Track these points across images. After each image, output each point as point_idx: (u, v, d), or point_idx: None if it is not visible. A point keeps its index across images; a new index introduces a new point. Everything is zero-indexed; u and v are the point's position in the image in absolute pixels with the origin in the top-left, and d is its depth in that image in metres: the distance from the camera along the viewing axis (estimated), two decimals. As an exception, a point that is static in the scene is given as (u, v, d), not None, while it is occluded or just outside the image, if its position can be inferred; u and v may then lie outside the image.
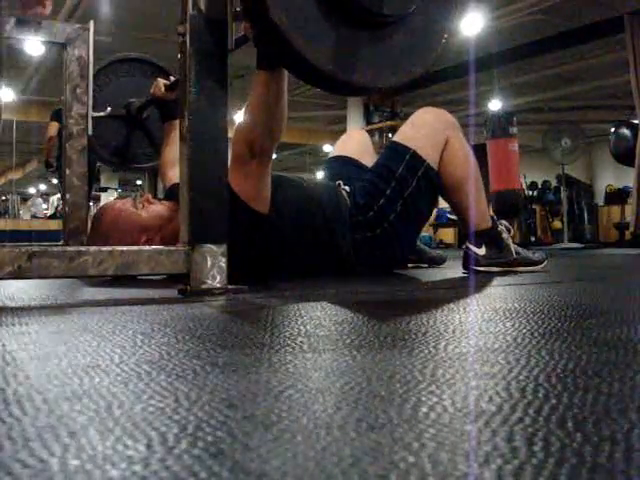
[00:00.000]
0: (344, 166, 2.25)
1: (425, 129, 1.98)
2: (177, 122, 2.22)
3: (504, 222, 2.09)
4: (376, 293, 1.48)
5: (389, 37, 1.25)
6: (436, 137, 1.96)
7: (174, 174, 2.09)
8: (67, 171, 2.29)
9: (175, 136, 2.19)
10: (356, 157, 2.29)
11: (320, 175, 2.36)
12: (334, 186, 2.00)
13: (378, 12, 1.19)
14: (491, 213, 2.09)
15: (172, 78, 2.29)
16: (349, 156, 2.30)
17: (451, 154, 1.95)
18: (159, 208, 1.84)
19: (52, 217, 10.86)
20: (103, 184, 11.24)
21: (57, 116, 5.43)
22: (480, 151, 5.26)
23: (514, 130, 6.25)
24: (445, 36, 1.35)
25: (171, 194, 2.01)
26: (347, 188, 2.00)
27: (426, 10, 1.29)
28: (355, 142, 2.40)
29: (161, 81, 2.26)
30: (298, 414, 0.41)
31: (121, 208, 1.83)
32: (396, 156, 1.97)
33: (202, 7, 1.31)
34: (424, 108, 2.11)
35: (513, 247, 2.03)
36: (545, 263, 2.09)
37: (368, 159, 2.26)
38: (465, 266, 2.01)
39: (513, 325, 0.82)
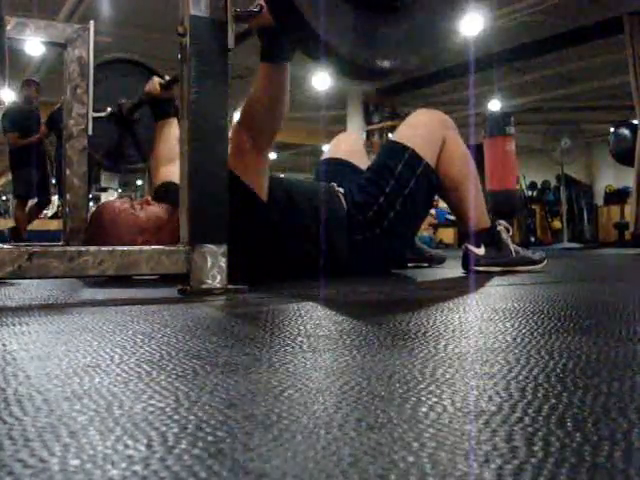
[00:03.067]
0: (337, 168, 2.25)
1: (422, 129, 1.99)
2: (170, 121, 2.24)
3: (503, 222, 2.09)
4: (376, 293, 1.48)
5: (408, 19, 1.26)
6: (433, 137, 1.96)
7: (166, 171, 2.11)
8: (67, 171, 2.29)
9: (168, 134, 2.22)
10: (348, 159, 2.29)
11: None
12: (329, 187, 2.00)
13: None
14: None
15: (167, 77, 2.30)
16: (342, 158, 2.31)
17: (448, 154, 1.96)
18: (157, 210, 1.84)
19: (52, 217, 10.88)
20: (103, 184, 11.23)
21: (50, 122, 5.42)
22: (478, 151, 5.27)
23: (511, 130, 6.27)
24: (461, 15, 1.37)
25: (160, 193, 2.02)
26: (341, 190, 2.00)
27: None
28: (347, 144, 2.40)
29: (157, 79, 2.28)
30: (298, 414, 0.41)
31: (120, 208, 1.83)
32: (395, 155, 1.97)
33: (202, 7, 1.31)
34: (420, 109, 2.12)
35: (512, 247, 2.03)
36: (545, 262, 2.09)
37: (360, 161, 2.27)
38: (465, 266, 2.02)
39: (513, 325, 0.82)
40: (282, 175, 2.07)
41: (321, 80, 8.72)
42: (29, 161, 5.60)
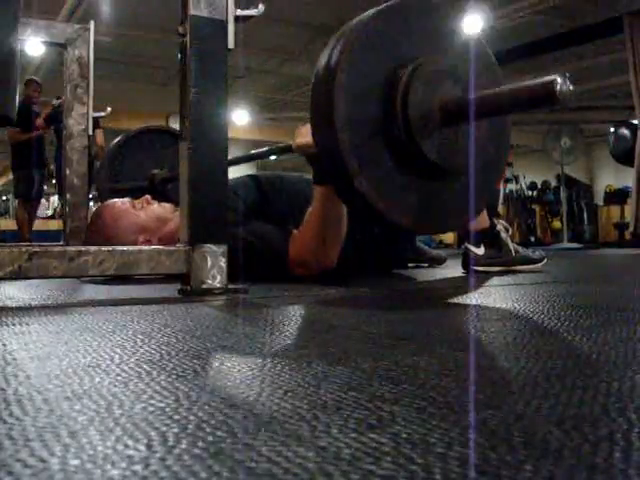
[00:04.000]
0: None
1: None
2: None
3: (502, 222, 2.09)
4: (376, 293, 1.48)
5: (457, 185, 1.31)
6: None
7: None
8: (67, 171, 2.29)
9: None
10: None
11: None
12: None
13: (448, 167, 1.24)
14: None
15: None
16: None
17: None
18: (158, 210, 1.85)
19: (52, 217, 10.92)
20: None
21: (49, 118, 5.44)
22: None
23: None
24: (503, 173, 1.46)
25: None
26: None
27: (485, 155, 1.36)
28: None
29: None
30: (298, 414, 0.41)
31: (121, 207, 1.83)
32: None
33: (202, 7, 1.31)
34: None
35: (512, 246, 2.03)
36: (544, 262, 2.09)
37: None
38: (464, 266, 2.01)
39: (513, 325, 0.82)
40: (284, 173, 2.07)
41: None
42: (30, 162, 5.61)
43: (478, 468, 0.31)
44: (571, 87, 1.04)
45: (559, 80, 1.03)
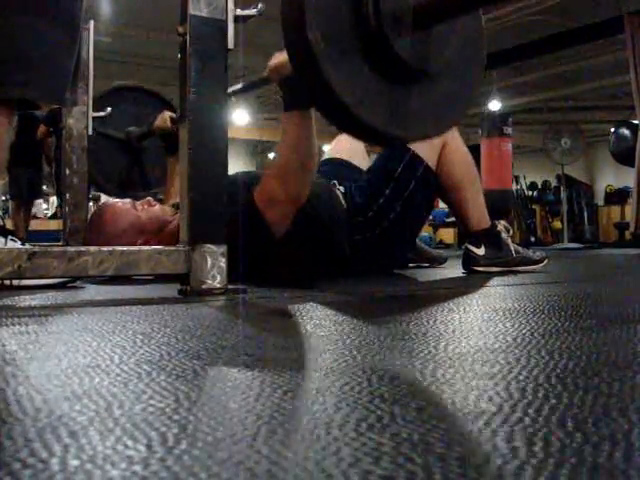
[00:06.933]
0: (337, 168, 2.25)
1: None
2: None
3: (503, 222, 2.09)
4: (376, 293, 1.48)
5: (431, 90, 1.30)
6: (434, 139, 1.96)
7: None
8: (67, 171, 2.29)
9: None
10: (349, 159, 2.29)
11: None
12: (329, 186, 2.00)
13: (420, 69, 1.23)
14: None
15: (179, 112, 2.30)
16: (342, 158, 2.31)
17: (449, 155, 1.96)
18: (159, 211, 1.85)
19: (52, 217, 10.93)
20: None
21: (47, 120, 5.43)
22: (475, 152, 5.26)
23: (509, 130, 6.30)
24: (478, 84, 1.42)
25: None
26: (342, 189, 2.00)
27: (460, 62, 1.34)
28: (347, 144, 2.40)
29: (167, 113, 2.26)
30: (298, 414, 0.41)
31: (121, 208, 1.83)
32: (395, 156, 1.97)
33: (202, 7, 1.31)
34: None
35: (513, 247, 2.03)
36: (545, 262, 2.09)
37: (360, 161, 2.27)
38: (465, 266, 2.01)
39: (513, 325, 0.82)
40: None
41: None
42: (24, 161, 5.60)
43: (479, 469, 0.31)
44: None
45: None
